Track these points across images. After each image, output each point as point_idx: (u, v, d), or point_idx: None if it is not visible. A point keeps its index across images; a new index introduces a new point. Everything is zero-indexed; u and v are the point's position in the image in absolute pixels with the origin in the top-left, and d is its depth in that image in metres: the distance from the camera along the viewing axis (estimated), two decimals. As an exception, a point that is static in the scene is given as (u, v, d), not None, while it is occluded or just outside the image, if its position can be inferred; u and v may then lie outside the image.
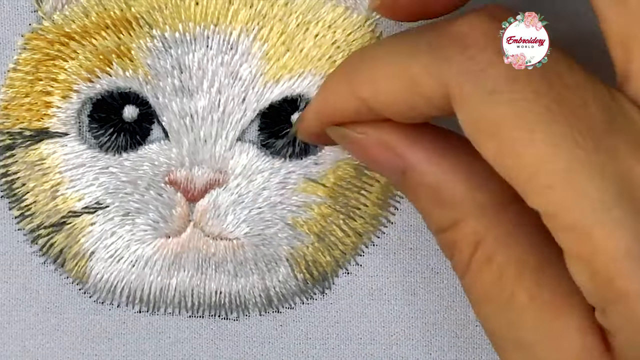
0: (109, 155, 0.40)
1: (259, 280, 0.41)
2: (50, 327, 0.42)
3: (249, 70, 0.39)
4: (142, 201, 0.40)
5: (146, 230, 0.41)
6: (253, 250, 0.41)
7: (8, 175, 0.41)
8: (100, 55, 0.39)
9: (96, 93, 0.40)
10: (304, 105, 0.40)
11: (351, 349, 0.42)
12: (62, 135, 0.40)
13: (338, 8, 0.39)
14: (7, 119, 0.40)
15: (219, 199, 0.40)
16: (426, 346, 0.42)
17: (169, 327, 0.42)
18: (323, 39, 0.39)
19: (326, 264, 0.41)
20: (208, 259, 0.41)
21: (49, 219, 0.41)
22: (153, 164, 0.40)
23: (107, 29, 0.39)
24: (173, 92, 0.39)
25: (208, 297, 0.42)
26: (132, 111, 0.40)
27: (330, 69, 0.39)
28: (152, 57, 0.39)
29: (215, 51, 0.39)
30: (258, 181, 0.40)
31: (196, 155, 0.40)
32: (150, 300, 0.42)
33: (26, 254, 0.41)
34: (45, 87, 0.40)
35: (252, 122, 0.40)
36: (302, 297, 0.42)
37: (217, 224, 0.40)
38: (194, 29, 0.39)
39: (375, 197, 0.41)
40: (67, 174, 0.40)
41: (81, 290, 0.42)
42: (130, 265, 0.41)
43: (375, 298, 0.42)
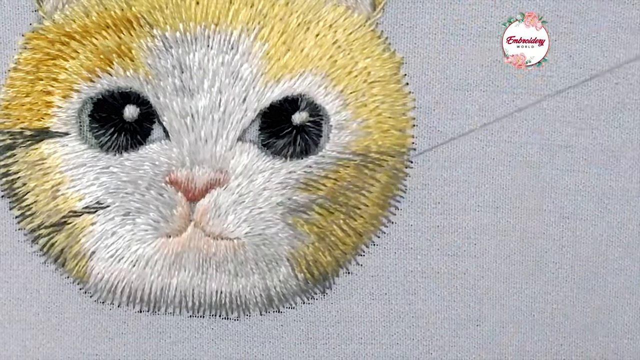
0: (110, 155, 0.40)
1: (260, 280, 0.41)
2: (51, 326, 0.42)
3: (250, 70, 0.39)
4: (143, 201, 0.40)
5: (147, 230, 0.41)
6: (254, 250, 0.41)
7: (9, 175, 0.41)
8: (101, 55, 0.39)
9: (97, 93, 0.40)
10: (305, 105, 0.40)
11: (352, 349, 0.42)
12: (62, 135, 0.40)
13: (339, 8, 0.39)
14: (7, 119, 0.40)
15: (220, 198, 0.40)
16: (426, 345, 0.42)
17: (169, 326, 0.42)
18: (324, 38, 0.39)
19: (327, 264, 0.41)
20: (209, 259, 0.41)
21: (50, 219, 0.41)
22: (154, 164, 0.40)
23: (107, 29, 0.39)
24: (174, 91, 0.39)
25: (209, 297, 0.42)
26: (133, 111, 0.40)
27: (331, 69, 0.39)
28: (152, 56, 0.39)
29: (216, 51, 0.39)
30: (259, 181, 0.40)
31: (197, 155, 0.40)
32: (151, 299, 0.42)
33: (27, 253, 0.41)
34: (45, 87, 0.40)
35: (252, 121, 0.40)
36: (302, 296, 0.42)
37: (218, 223, 0.40)
38: (195, 28, 0.39)
39: (376, 197, 0.41)
40: (68, 174, 0.40)
41: (82, 290, 0.42)
42: (130, 265, 0.41)
43: (376, 298, 0.42)
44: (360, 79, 0.40)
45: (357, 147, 0.40)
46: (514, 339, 0.42)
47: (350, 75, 0.40)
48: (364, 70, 0.40)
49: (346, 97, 0.40)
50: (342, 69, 0.40)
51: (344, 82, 0.39)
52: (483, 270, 0.42)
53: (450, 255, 0.42)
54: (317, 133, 0.40)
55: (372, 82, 0.40)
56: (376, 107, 0.40)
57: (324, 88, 0.40)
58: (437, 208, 0.41)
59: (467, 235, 0.42)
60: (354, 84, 0.40)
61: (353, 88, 0.40)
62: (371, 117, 0.40)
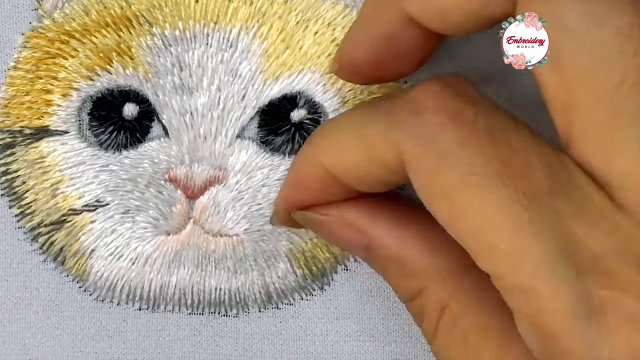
0: (109, 153, 0.40)
1: (259, 277, 0.41)
2: (51, 325, 0.42)
3: (249, 68, 0.39)
4: (142, 199, 0.40)
5: (146, 227, 0.41)
6: (252, 246, 0.41)
7: (8, 173, 0.41)
8: (101, 53, 0.39)
9: (96, 91, 0.40)
10: (304, 103, 0.40)
11: (350, 345, 0.42)
12: (62, 133, 0.40)
13: (337, 6, 0.40)
14: (7, 117, 0.40)
15: (219, 195, 0.40)
16: (424, 343, 0.42)
17: (169, 324, 0.42)
18: (322, 36, 0.40)
19: (325, 260, 0.42)
20: (208, 256, 0.41)
21: (49, 217, 0.41)
22: (153, 162, 0.40)
23: (107, 27, 0.39)
24: (173, 89, 0.40)
25: (208, 294, 0.42)
26: (132, 109, 0.40)
27: (330, 66, 0.40)
28: (152, 55, 0.39)
29: (215, 49, 0.39)
30: (258, 178, 0.40)
31: (196, 152, 0.40)
32: (150, 297, 0.42)
33: (26, 252, 0.41)
34: (45, 85, 0.40)
35: (251, 119, 0.40)
36: (301, 293, 0.42)
37: (217, 220, 0.40)
38: (194, 26, 0.39)
39: (374, 194, 0.41)
40: (67, 172, 0.40)
41: (81, 288, 0.42)
42: (130, 262, 0.41)
43: (374, 294, 0.42)
44: (359, 76, 0.40)
45: (355, 144, 0.41)
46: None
47: (349, 73, 0.40)
48: (362, 68, 0.40)
49: (344, 95, 0.40)
50: (341, 67, 0.40)
51: (342, 80, 0.40)
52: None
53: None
54: (316, 130, 0.41)
55: (370, 80, 0.40)
56: (374, 104, 0.40)
57: (322, 86, 0.40)
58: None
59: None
60: (352, 81, 0.40)
61: (351, 86, 0.40)
62: (369, 115, 0.40)
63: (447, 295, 0.35)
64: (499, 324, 0.34)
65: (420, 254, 0.35)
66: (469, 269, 0.33)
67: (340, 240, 0.37)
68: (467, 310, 0.34)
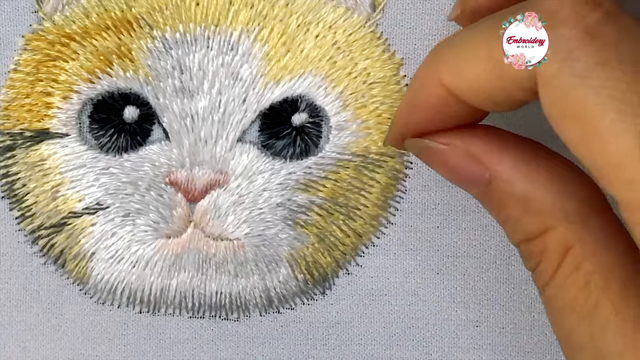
0: (110, 156, 0.40)
1: (260, 281, 0.41)
2: (51, 327, 0.42)
3: (250, 71, 0.39)
4: (143, 202, 0.40)
5: (147, 231, 0.41)
6: (253, 250, 0.41)
7: (9, 176, 0.41)
8: (101, 56, 0.39)
9: (97, 94, 0.40)
10: (305, 106, 0.40)
11: (351, 350, 0.42)
12: (62, 136, 0.40)
13: (339, 9, 0.39)
14: (7, 120, 0.40)
15: (220, 199, 0.40)
16: (426, 346, 0.42)
17: (169, 327, 0.42)
18: (323, 39, 0.39)
19: (326, 265, 0.41)
20: (208, 260, 0.41)
21: (50, 220, 0.41)
22: (153, 165, 0.40)
23: (107, 30, 0.39)
24: (173, 92, 0.39)
25: (208, 298, 0.42)
26: (133, 112, 0.40)
27: (331, 70, 0.39)
28: (152, 57, 0.39)
29: (216, 52, 0.39)
30: (258, 182, 0.40)
31: (197, 156, 0.40)
32: (151, 301, 0.42)
33: (27, 254, 0.41)
34: (45, 88, 0.40)
35: (252, 122, 0.40)
36: (302, 297, 0.42)
37: (218, 224, 0.40)
38: (195, 29, 0.39)
39: (376, 197, 0.41)
40: (68, 175, 0.40)
41: (82, 291, 0.42)
42: (130, 266, 0.41)
43: (376, 299, 0.42)
44: (360, 80, 0.40)
45: (356, 148, 0.41)
46: (514, 340, 0.42)
47: (350, 76, 0.40)
48: (363, 71, 0.40)
49: (346, 98, 0.40)
50: (342, 70, 0.40)
51: (344, 83, 0.39)
52: (483, 270, 0.42)
53: (450, 256, 0.42)
54: (317, 134, 0.40)
55: (371, 83, 0.40)
56: (376, 108, 0.40)
57: (323, 89, 0.40)
58: (437, 209, 0.41)
59: (467, 236, 0.41)
60: (354, 85, 0.40)
61: (353, 89, 0.40)
62: (371, 118, 0.40)
63: (572, 237, 0.32)
64: (623, 273, 0.32)
65: (548, 193, 0.33)
66: (596, 213, 0.32)
67: (457, 172, 0.35)
68: (592, 254, 0.32)
